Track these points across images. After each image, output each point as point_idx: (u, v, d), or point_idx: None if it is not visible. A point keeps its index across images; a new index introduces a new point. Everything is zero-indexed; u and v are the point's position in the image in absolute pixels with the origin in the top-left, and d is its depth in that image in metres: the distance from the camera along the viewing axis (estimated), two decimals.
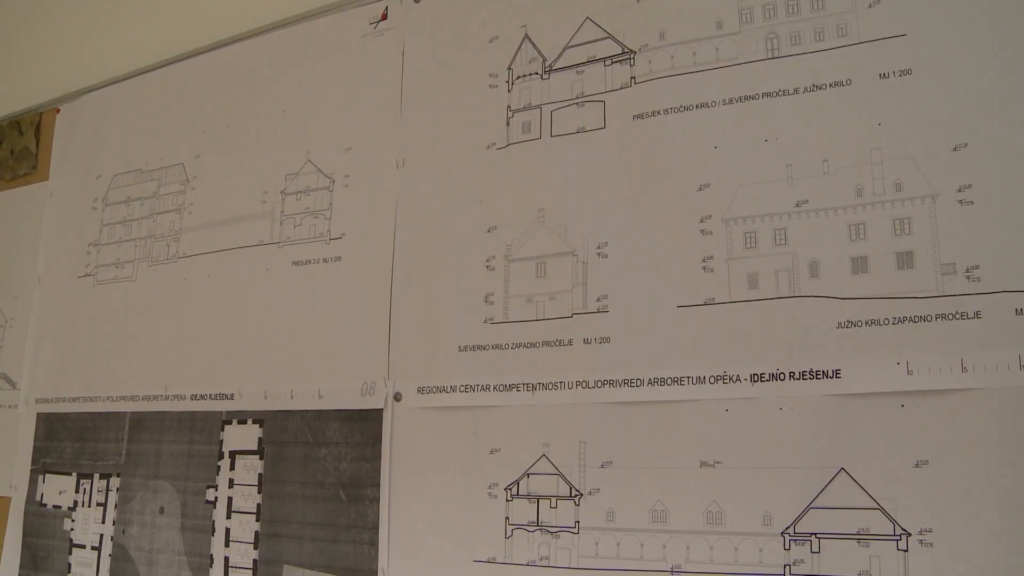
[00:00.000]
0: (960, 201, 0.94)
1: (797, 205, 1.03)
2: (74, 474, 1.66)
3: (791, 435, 0.98)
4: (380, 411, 1.28)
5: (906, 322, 0.94)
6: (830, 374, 0.97)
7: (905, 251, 0.96)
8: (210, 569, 1.43)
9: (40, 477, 1.72)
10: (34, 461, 1.74)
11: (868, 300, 0.97)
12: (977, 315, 0.91)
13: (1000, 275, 0.91)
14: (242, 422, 1.44)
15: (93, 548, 1.60)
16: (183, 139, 1.66)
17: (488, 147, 1.27)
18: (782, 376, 1.00)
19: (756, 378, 1.01)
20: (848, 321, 0.97)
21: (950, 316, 0.92)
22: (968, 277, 0.92)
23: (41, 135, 1.94)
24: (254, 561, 1.38)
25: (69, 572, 1.62)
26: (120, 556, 1.56)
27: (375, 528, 1.25)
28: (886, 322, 0.95)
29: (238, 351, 1.47)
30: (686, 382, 1.05)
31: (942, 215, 0.95)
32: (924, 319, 0.94)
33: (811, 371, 0.98)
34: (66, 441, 1.69)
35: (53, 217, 1.86)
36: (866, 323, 0.96)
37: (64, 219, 1.83)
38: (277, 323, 1.43)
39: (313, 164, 1.45)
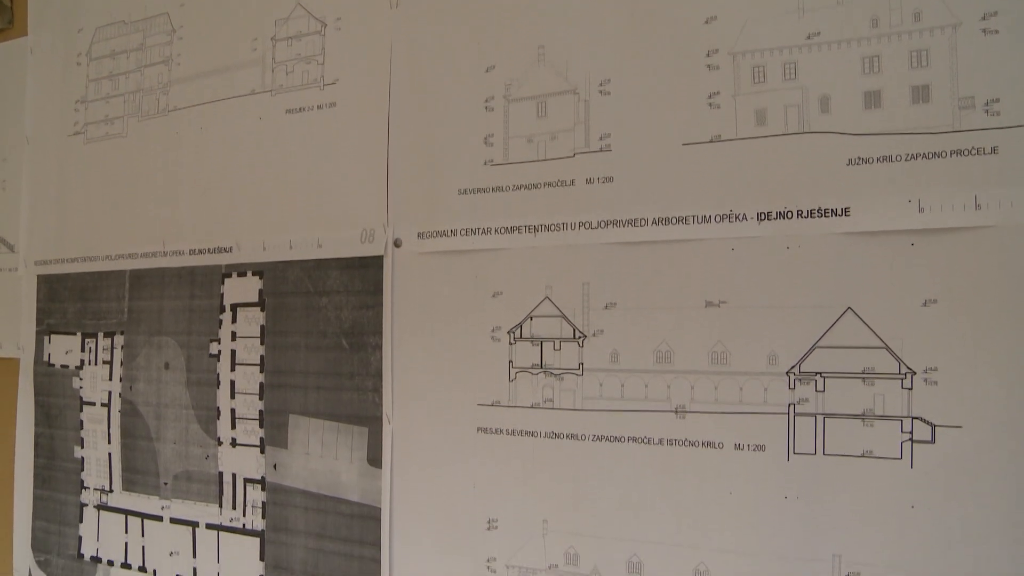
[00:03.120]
0: (984, 30, 0.89)
1: (808, 37, 0.98)
2: (78, 334, 1.67)
3: (798, 274, 0.97)
4: (380, 258, 1.27)
5: (919, 158, 0.91)
6: (839, 212, 0.95)
7: (921, 84, 0.92)
8: (217, 421, 1.45)
9: (46, 338, 1.73)
10: (39, 323, 1.74)
11: (880, 136, 0.93)
12: (994, 151, 0.88)
13: (1021, 108, 0.87)
14: (242, 274, 1.43)
15: (103, 405, 1.62)
16: None
17: None
18: (789, 214, 0.97)
19: (763, 217, 0.99)
20: (859, 158, 0.94)
21: (966, 152, 0.90)
22: (987, 111, 0.89)
23: None
24: (260, 412, 1.40)
25: (82, 428, 1.65)
26: (129, 412, 1.58)
27: (379, 375, 1.26)
28: (898, 158, 0.92)
29: (234, 203, 1.45)
30: (691, 221, 1.03)
31: (963, 45, 0.90)
32: (938, 155, 0.91)
33: (819, 209, 0.96)
34: (68, 302, 1.69)
35: (36, 75, 1.79)
36: (877, 160, 0.93)
37: (48, 76, 1.77)
38: (273, 173, 1.40)
39: (303, 8, 1.39)
